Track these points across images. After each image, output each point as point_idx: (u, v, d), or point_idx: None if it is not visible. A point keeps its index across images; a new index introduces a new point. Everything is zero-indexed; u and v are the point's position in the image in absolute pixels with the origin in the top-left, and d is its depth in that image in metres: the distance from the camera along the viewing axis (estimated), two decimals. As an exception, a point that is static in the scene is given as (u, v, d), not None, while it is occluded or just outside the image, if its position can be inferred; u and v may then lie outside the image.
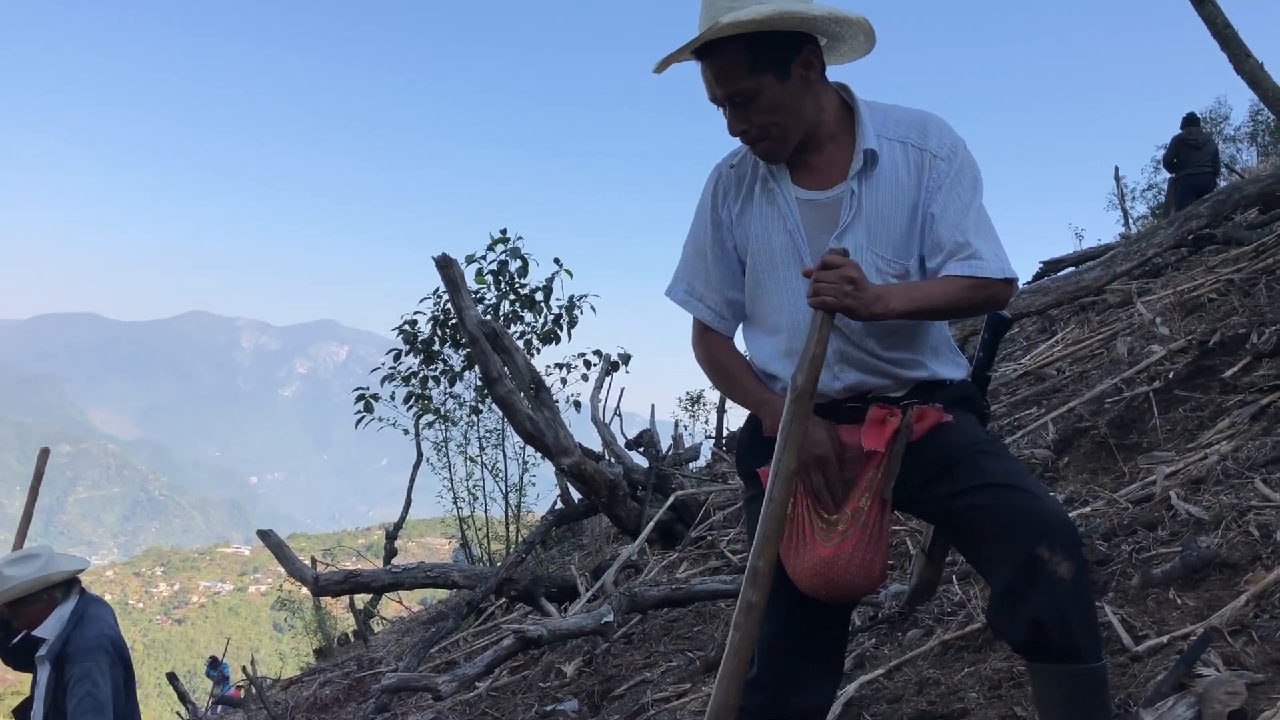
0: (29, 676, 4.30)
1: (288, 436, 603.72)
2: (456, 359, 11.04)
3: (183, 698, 12.27)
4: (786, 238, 2.31)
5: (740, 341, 2.51)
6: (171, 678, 12.35)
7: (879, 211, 2.26)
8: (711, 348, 2.46)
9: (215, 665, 18.63)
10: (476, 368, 10.59)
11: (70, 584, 4.28)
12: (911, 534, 4.80)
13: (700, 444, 11.09)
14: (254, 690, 10.94)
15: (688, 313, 2.46)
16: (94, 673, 4.01)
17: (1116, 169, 15.73)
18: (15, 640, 4.28)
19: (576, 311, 10.82)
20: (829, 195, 2.29)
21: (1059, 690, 2.09)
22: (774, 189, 2.32)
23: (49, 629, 4.15)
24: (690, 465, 10.35)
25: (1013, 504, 2.09)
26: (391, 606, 14.57)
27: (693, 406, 25.09)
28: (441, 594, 13.43)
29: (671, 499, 7.49)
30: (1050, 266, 10.61)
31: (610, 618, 4.84)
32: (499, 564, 8.29)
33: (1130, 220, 13.30)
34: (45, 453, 4.55)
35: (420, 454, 13.47)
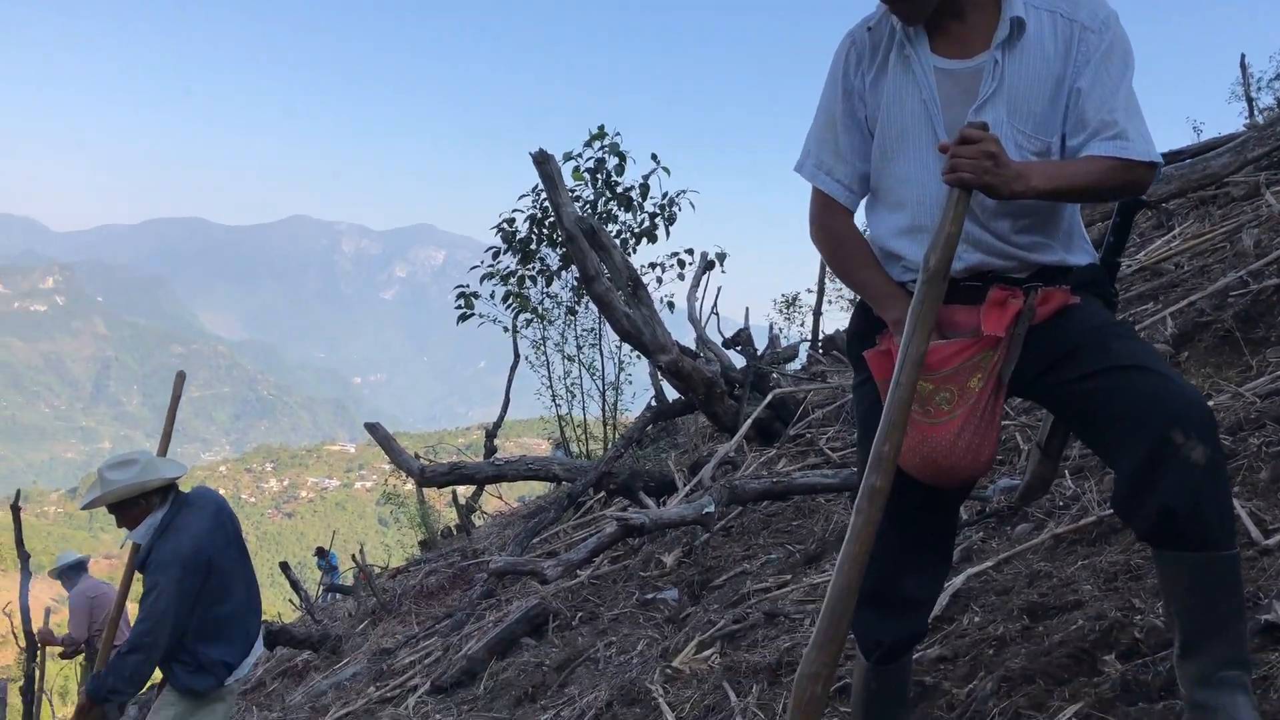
0: None
1: (388, 339, 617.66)
2: (553, 257, 11.05)
3: (295, 586, 12.80)
4: (920, 108, 2.18)
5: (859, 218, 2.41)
6: (284, 567, 12.88)
7: (1022, 84, 2.12)
8: (832, 224, 2.35)
9: (323, 555, 19.31)
10: (573, 266, 10.61)
11: (166, 490, 4.33)
12: (1022, 429, 4.69)
13: (798, 344, 10.98)
14: (363, 577, 11.36)
15: (815, 186, 2.35)
16: (161, 585, 4.07)
17: (1243, 56, 14.79)
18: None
19: (675, 209, 10.69)
20: (969, 65, 2.16)
21: (1188, 579, 2.01)
22: (910, 56, 2.19)
23: (140, 535, 4.26)
24: (788, 365, 10.27)
25: (1143, 386, 1.99)
26: (492, 502, 14.91)
27: (788, 309, 24.80)
28: (540, 491, 13.71)
29: (769, 397, 7.44)
30: (1168, 159, 10.12)
31: (711, 508, 4.86)
32: (597, 459, 8.37)
33: (1256, 111, 12.53)
34: (181, 376, 4.63)
35: (517, 355, 13.61)
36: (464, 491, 12.76)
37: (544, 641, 5.54)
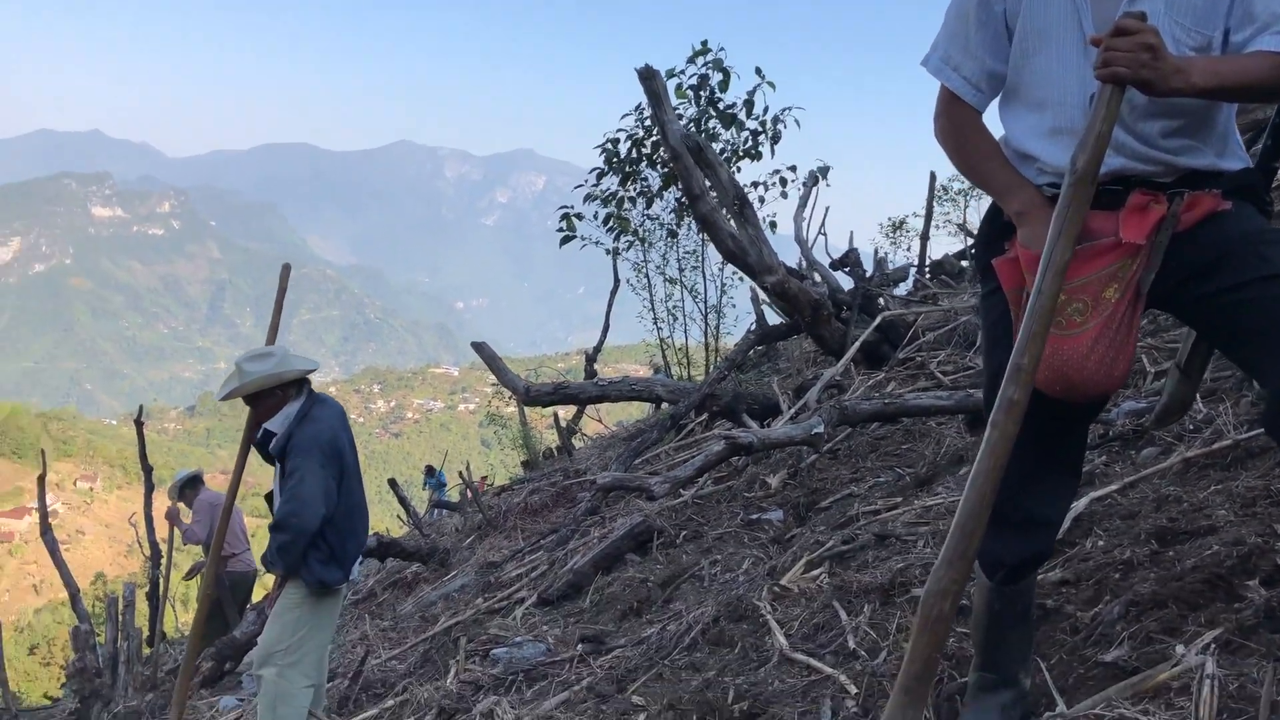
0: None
1: (490, 264, 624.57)
2: (655, 178, 10.93)
3: (403, 502, 13.14)
4: (1067, 2, 2.04)
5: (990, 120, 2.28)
6: (392, 484, 13.21)
7: None
8: (959, 123, 2.23)
9: (431, 474, 19.82)
10: (675, 187, 10.48)
11: (301, 383, 4.54)
12: (1148, 351, 4.49)
13: (908, 266, 10.71)
14: (469, 494, 11.60)
15: (942, 82, 2.23)
16: (304, 468, 4.25)
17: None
18: (259, 435, 4.61)
19: (779, 126, 10.45)
20: None
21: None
22: None
23: (277, 424, 4.43)
24: (897, 288, 10.02)
25: None
26: (592, 425, 15.04)
27: (894, 234, 24.26)
28: (639, 417, 13.76)
29: (878, 319, 7.29)
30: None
31: (820, 429, 4.79)
32: (700, 382, 8.34)
33: None
34: (287, 269, 4.80)
35: (617, 279, 13.58)
36: (565, 414, 12.89)
37: (648, 558, 5.57)
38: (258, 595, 9.00)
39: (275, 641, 4.37)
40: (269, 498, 4.64)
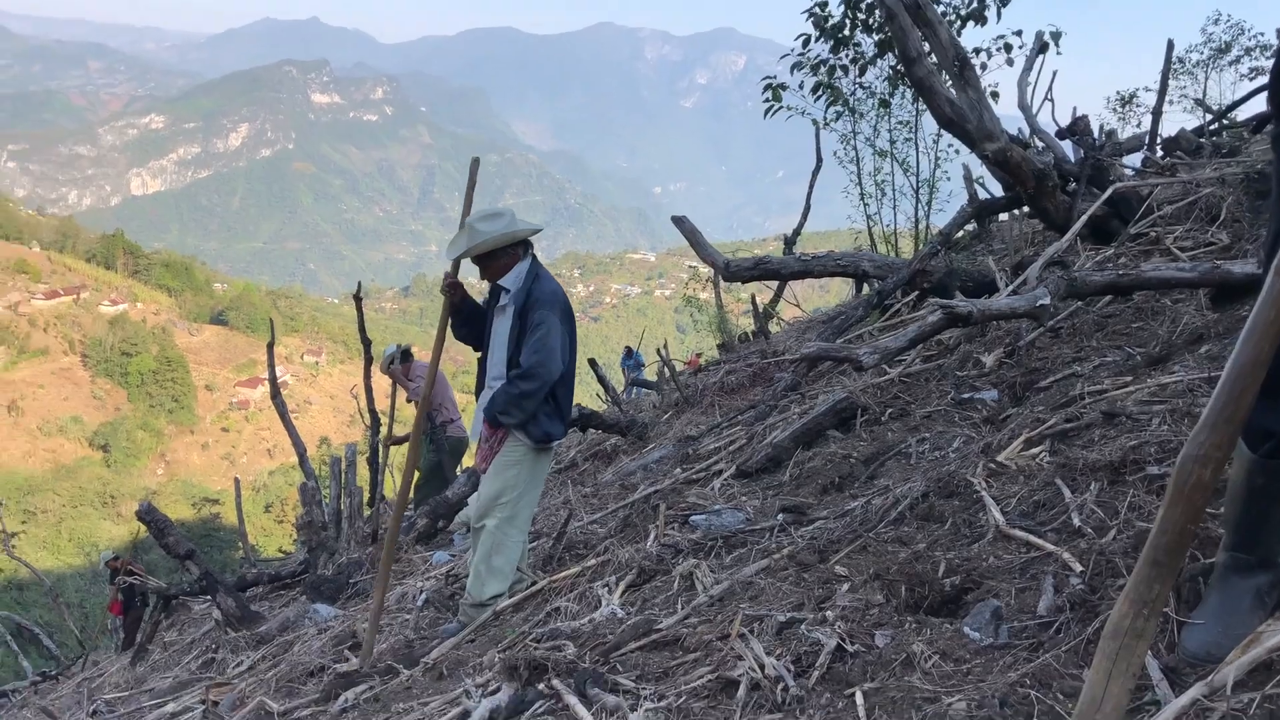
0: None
1: (688, 147, 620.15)
2: (868, 44, 10.37)
3: (602, 381, 13.37)
4: None
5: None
6: (592, 363, 13.45)
7: None
8: None
9: (629, 355, 20.10)
10: (890, 54, 9.93)
11: (527, 245, 4.68)
12: None
13: (1143, 135, 9.85)
14: (666, 373, 11.67)
15: None
16: (549, 320, 4.43)
17: None
18: (461, 306, 4.70)
19: (1007, -16, 9.65)
20: None
21: None
22: None
23: (511, 280, 4.57)
24: (1131, 158, 9.24)
25: None
26: (789, 311, 14.82)
27: (1122, 108, 22.47)
28: (838, 303, 13.43)
29: (1109, 191, 6.75)
30: None
31: (1046, 300, 4.47)
32: (910, 258, 7.99)
33: None
34: (476, 162, 4.90)
35: (820, 159, 13.10)
36: (761, 299, 12.73)
37: (851, 435, 5.43)
38: (466, 461, 9.40)
39: (496, 495, 4.54)
40: (481, 363, 4.77)
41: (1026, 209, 9.00)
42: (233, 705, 5.09)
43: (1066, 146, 8.56)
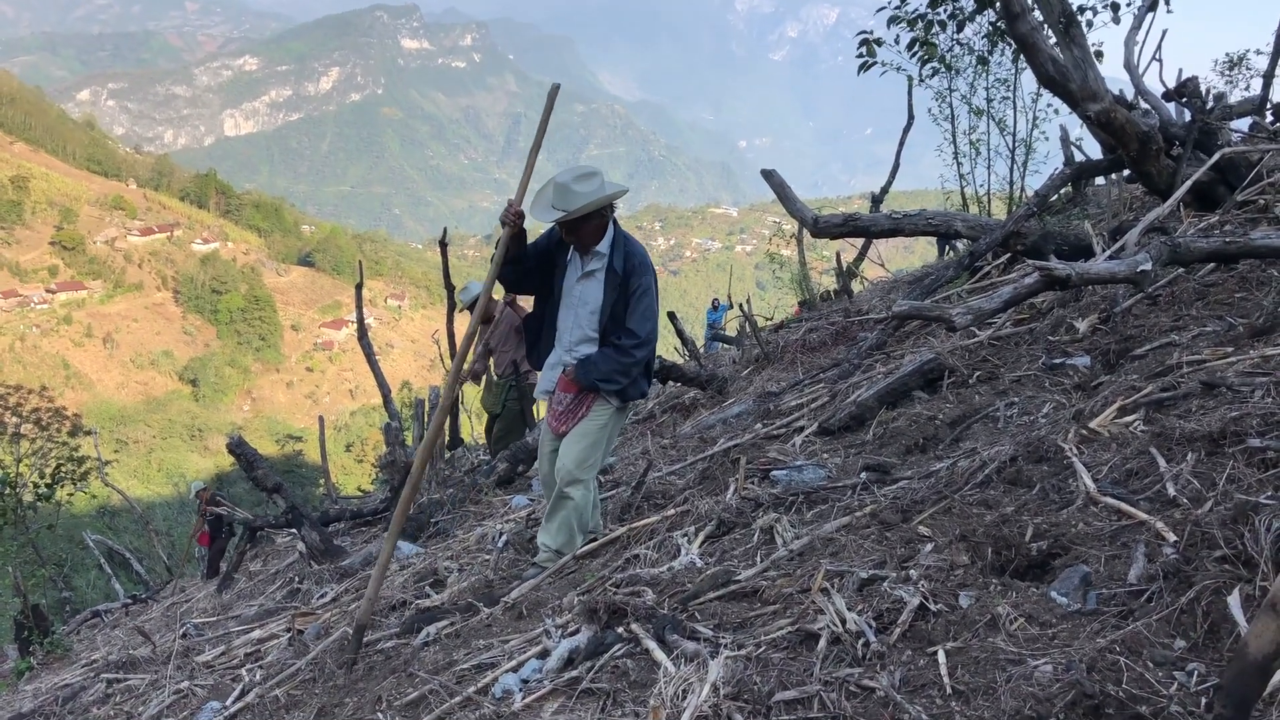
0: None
1: (775, 102, 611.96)
2: (967, -1, 10.10)
3: (681, 335, 13.39)
4: None
5: None
6: (672, 316, 13.45)
7: None
8: None
9: (716, 308, 20.06)
10: (990, 10, 9.66)
11: (612, 207, 4.48)
12: None
13: (1255, 98, 9.45)
14: (748, 327, 11.63)
15: None
16: (651, 287, 4.40)
17: None
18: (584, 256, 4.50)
19: (1116, -61, 9.31)
20: None
21: None
22: None
23: (606, 245, 4.41)
24: (1239, 123, 8.87)
25: None
26: (872, 270, 14.64)
27: (1230, 72, 21.64)
28: (919, 264, 13.21)
29: (1216, 156, 6.51)
30: None
31: (1147, 265, 4.34)
32: (1005, 219, 7.81)
33: None
34: (556, 88, 4.46)
35: (911, 116, 12.83)
36: (846, 257, 12.59)
37: (937, 396, 5.37)
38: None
39: (584, 458, 4.47)
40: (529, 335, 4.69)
41: (1127, 173, 8.73)
42: (317, 634, 5.26)
43: (1171, 109, 8.23)
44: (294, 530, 8.27)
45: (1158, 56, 9.10)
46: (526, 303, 5.84)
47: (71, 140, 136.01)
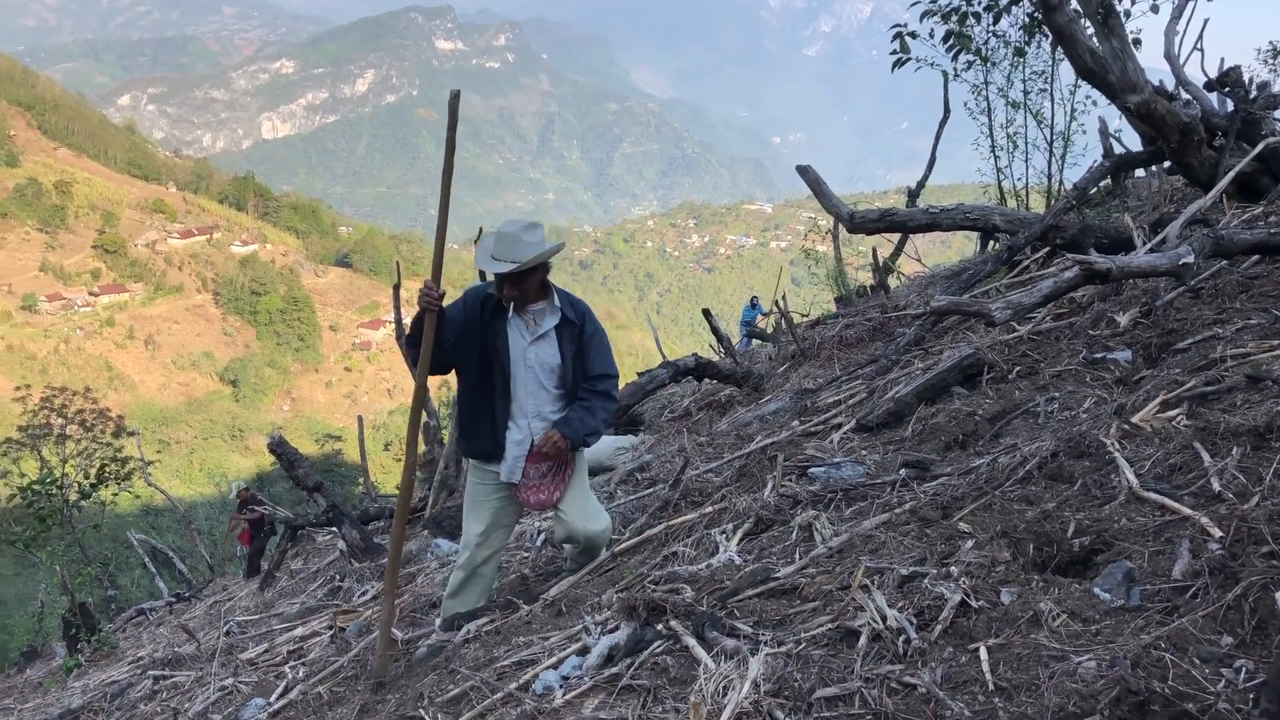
0: None
1: (809, 97, 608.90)
2: (1004, -11, 10.00)
3: (715, 332, 13.37)
4: None
5: None
6: (706, 313, 13.42)
7: None
8: None
9: (754, 305, 20.01)
10: (1025, 2, 9.57)
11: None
12: None
13: (1298, 88, 9.31)
14: (783, 324, 11.60)
15: None
16: (601, 329, 4.41)
17: None
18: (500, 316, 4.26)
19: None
20: None
21: None
22: None
23: (555, 299, 4.28)
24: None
25: None
26: (909, 266, 14.53)
27: (1275, 60, 21.34)
28: (957, 259, 13.11)
29: (1260, 146, 6.42)
30: None
31: (1190, 258, 4.29)
32: (1044, 213, 7.75)
33: None
34: (456, 95, 4.22)
35: (948, 110, 12.73)
36: (882, 253, 12.51)
37: (977, 391, 5.33)
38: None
39: (598, 510, 4.53)
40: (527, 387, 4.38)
41: (1167, 164, 8.63)
42: (359, 631, 5.32)
43: (1213, 100, 8.13)
44: (334, 529, 8.36)
45: (1199, 46, 8.97)
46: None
47: (113, 145, 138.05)
